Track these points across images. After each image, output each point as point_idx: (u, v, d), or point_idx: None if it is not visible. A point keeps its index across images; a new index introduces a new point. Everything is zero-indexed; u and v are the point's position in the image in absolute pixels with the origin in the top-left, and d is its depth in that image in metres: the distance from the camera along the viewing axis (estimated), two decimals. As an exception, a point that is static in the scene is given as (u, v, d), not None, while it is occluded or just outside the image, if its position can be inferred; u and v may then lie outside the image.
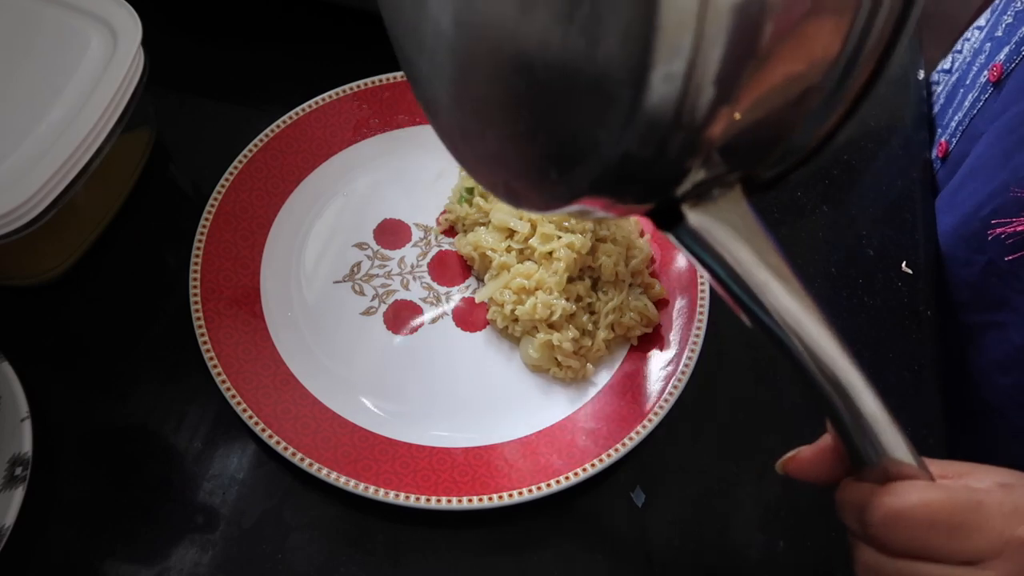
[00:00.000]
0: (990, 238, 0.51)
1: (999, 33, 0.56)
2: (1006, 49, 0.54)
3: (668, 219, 0.28)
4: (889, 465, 0.30)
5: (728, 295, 0.29)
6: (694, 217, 0.28)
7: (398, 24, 0.34)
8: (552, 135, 0.26)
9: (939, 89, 0.66)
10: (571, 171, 0.26)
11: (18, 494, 0.40)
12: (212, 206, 0.52)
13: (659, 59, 0.21)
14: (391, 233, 0.55)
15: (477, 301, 0.52)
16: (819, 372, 0.29)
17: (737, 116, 0.23)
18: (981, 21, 0.63)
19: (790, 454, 0.35)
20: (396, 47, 0.35)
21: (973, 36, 0.63)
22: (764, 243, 0.29)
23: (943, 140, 0.62)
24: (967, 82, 0.60)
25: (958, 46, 0.65)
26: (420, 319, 0.52)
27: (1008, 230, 0.49)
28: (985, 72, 0.56)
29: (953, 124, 0.60)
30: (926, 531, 0.29)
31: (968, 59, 0.62)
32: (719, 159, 0.25)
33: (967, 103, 0.59)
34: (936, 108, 0.66)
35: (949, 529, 0.29)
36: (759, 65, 0.23)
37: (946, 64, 0.67)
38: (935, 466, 0.31)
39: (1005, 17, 0.56)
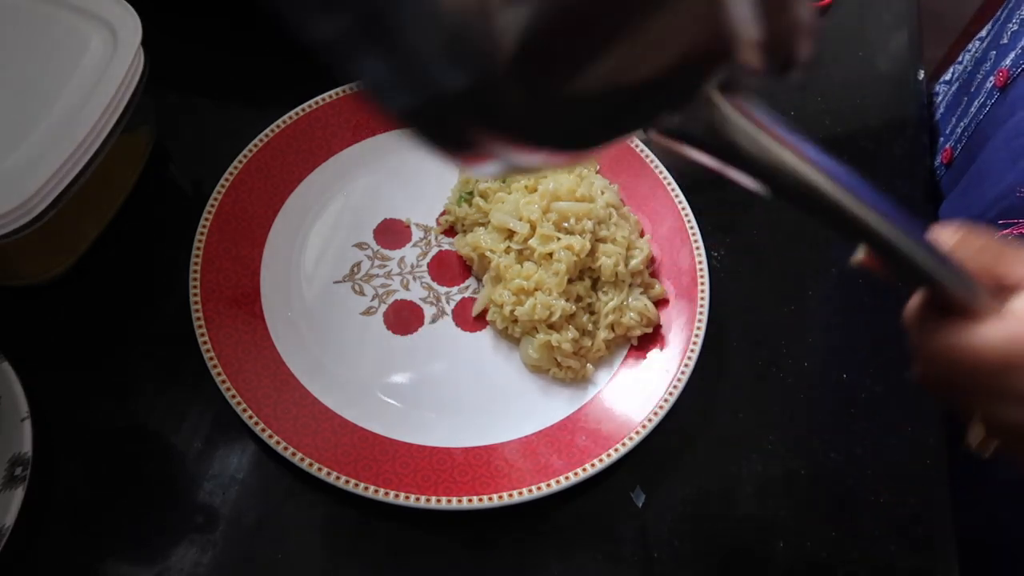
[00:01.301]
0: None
1: (1004, 40, 0.57)
2: (1012, 54, 0.55)
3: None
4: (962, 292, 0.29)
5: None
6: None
7: None
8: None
9: (939, 100, 0.67)
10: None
11: (18, 494, 0.40)
12: (212, 206, 0.52)
13: None
14: (391, 233, 0.55)
15: (474, 313, 0.52)
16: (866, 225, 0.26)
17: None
18: (982, 32, 0.63)
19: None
20: None
21: (974, 47, 0.64)
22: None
23: (948, 147, 0.62)
24: (972, 89, 0.60)
25: (959, 58, 0.66)
26: (420, 319, 0.52)
27: (1015, 231, 0.49)
28: (991, 78, 0.57)
29: (959, 131, 0.61)
30: (998, 376, 0.28)
31: (970, 68, 0.62)
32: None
33: (973, 109, 0.59)
34: (936, 117, 0.66)
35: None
36: None
37: (947, 76, 0.68)
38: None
39: (1010, 25, 0.57)
